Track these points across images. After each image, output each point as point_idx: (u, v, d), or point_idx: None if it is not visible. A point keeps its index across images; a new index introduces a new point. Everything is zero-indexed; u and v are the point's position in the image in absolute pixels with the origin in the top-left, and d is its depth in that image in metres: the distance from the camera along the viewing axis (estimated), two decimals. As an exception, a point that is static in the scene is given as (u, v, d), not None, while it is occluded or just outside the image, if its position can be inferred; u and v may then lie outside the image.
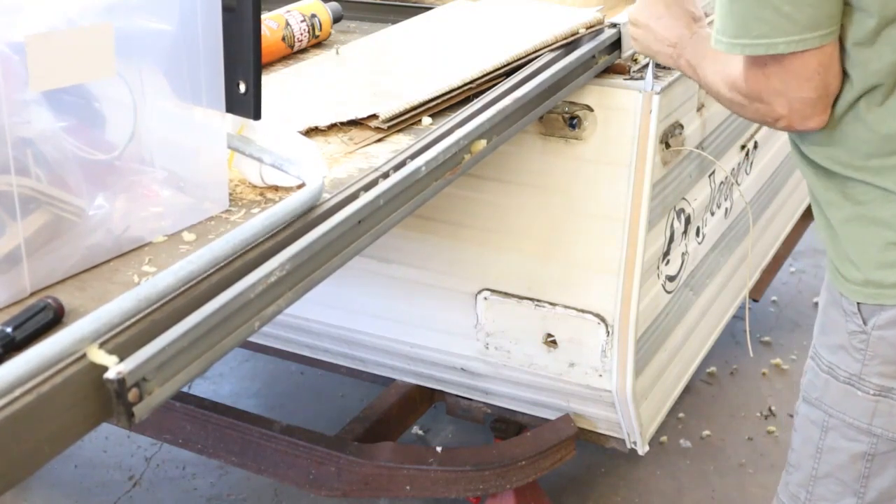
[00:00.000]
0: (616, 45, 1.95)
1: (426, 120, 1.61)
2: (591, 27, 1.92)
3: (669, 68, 1.97)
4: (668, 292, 2.22)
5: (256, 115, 1.24)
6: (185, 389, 2.29)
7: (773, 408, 3.02)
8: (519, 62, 1.79)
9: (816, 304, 3.53)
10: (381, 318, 2.35)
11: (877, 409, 1.50)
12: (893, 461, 1.52)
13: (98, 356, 0.95)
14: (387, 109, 1.56)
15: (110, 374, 0.94)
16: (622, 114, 1.95)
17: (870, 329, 1.48)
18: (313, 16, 1.96)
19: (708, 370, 3.17)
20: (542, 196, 2.07)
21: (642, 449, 2.28)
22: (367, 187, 1.33)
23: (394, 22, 2.12)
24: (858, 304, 1.48)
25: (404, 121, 1.58)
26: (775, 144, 2.77)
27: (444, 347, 2.30)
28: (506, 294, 2.17)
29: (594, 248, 2.05)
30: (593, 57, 1.89)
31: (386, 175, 1.37)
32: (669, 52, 1.71)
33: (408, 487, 2.24)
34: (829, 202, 1.50)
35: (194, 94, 1.19)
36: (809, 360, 1.60)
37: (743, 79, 1.45)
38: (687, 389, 2.76)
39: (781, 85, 1.39)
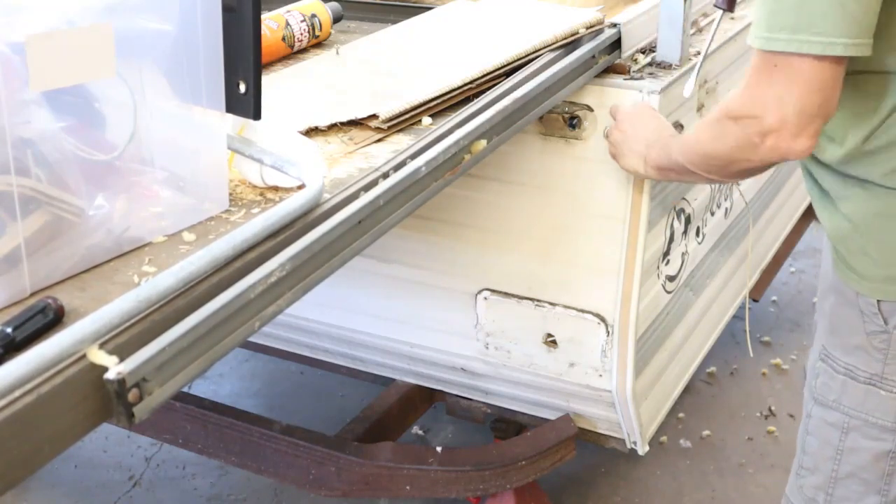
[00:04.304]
0: (616, 45, 1.95)
1: (426, 120, 1.61)
2: (591, 27, 1.91)
3: (670, 68, 1.98)
4: (668, 292, 2.22)
5: (256, 115, 1.23)
6: (185, 389, 2.29)
7: (773, 408, 3.02)
8: (519, 62, 1.79)
9: (816, 304, 3.55)
10: (381, 318, 2.35)
11: None
12: None
13: (98, 357, 0.95)
14: (387, 109, 1.56)
15: (110, 375, 0.94)
16: (622, 114, 1.95)
17: (891, 328, 1.47)
18: (313, 16, 1.96)
19: (708, 370, 3.17)
20: (542, 196, 2.07)
21: (642, 449, 2.28)
22: (367, 187, 1.33)
23: (394, 22, 2.12)
24: (879, 302, 1.47)
25: (404, 121, 1.58)
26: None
27: (444, 347, 2.30)
28: (506, 294, 2.17)
29: (594, 248, 2.05)
30: (593, 57, 1.89)
31: (386, 175, 1.37)
32: (641, 148, 1.76)
33: (408, 487, 2.24)
34: (846, 197, 1.47)
35: (194, 94, 1.19)
36: (820, 363, 1.58)
37: (743, 87, 1.37)
38: (687, 389, 2.76)
39: (784, 91, 1.31)
